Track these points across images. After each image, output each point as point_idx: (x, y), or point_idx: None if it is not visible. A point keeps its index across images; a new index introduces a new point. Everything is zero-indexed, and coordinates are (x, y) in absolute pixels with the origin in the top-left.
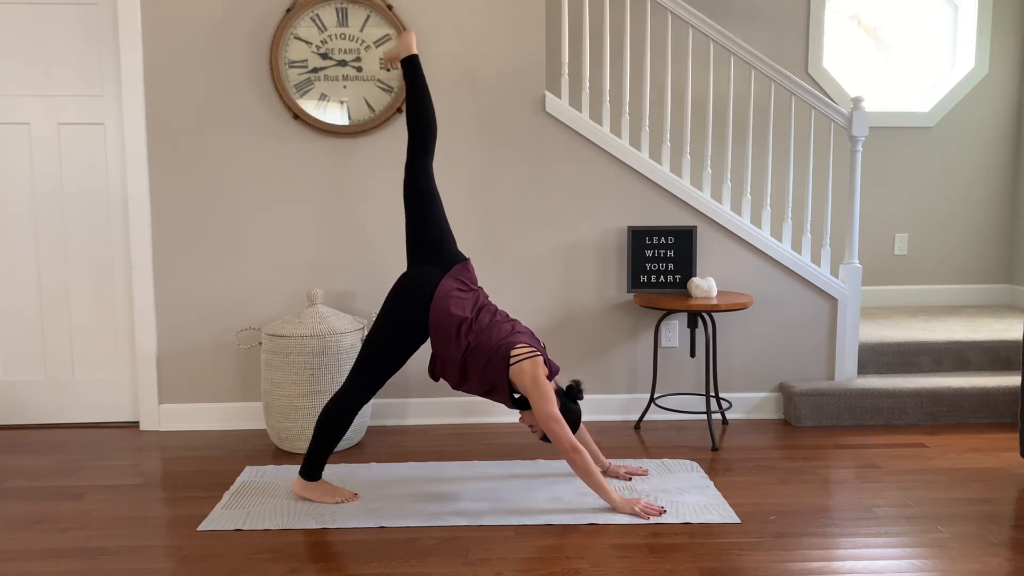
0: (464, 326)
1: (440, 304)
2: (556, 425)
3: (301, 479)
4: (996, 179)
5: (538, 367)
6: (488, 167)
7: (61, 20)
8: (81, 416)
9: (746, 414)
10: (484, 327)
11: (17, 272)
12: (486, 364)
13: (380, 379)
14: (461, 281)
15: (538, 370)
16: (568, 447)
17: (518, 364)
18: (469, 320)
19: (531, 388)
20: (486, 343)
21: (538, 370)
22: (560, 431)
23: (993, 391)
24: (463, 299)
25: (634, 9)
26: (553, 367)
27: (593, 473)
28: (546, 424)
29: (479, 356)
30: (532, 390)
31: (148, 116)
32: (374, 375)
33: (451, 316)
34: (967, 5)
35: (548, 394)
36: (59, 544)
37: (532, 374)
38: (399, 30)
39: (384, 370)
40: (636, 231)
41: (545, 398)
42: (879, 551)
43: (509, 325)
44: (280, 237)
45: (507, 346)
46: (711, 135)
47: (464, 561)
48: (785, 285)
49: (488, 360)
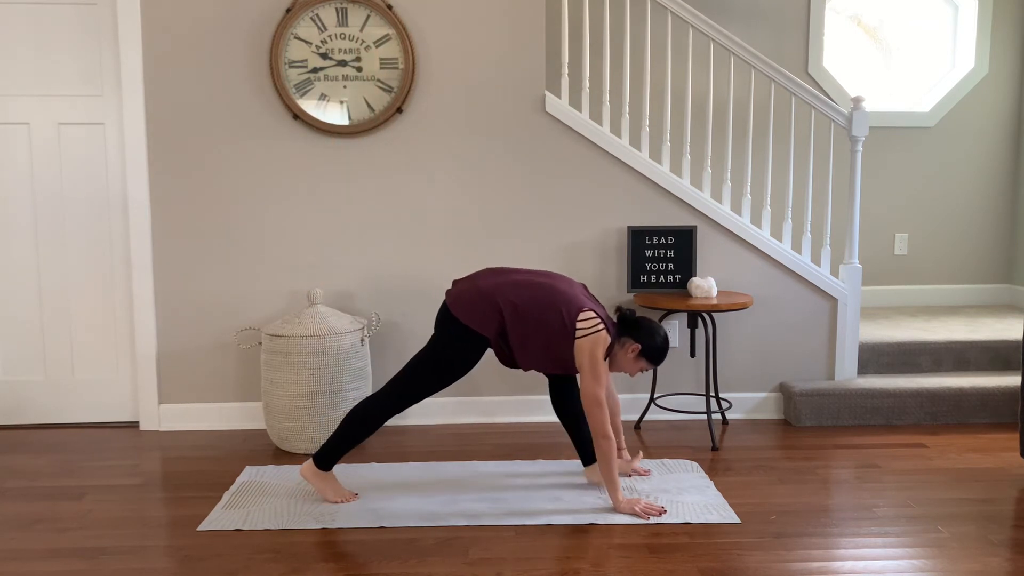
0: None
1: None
2: (598, 409)
3: (313, 464)
4: (996, 179)
5: (598, 344)
6: (488, 167)
7: (61, 20)
8: (81, 416)
9: (746, 414)
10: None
11: (17, 272)
12: (547, 332)
13: (420, 397)
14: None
15: (598, 348)
16: (601, 432)
17: (582, 338)
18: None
19: (586, 366)
20: (539, 303)
21: (598, 348)
22: (600, 416)
23: (993, 391)
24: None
25: (634, 9)
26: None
27: (613, 465)
28: (589, 405)
29: (533, 324)
30: (587, 368)
31: (148, 116)
32: (417, 393)
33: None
34: (967, 5)
35: (600, 375)
36: (59, 544)
37: (591, 352)
38: (399, 30)
39: (427, 391)
40: (636, 231)
41: (597, 379)
42: (879, 551)
43: (564, 284)
44: (280, 237)
45: (574, 312)
46: (711, 135)
47: (464, 561)
48: (785, 285)
49: (547, 325)
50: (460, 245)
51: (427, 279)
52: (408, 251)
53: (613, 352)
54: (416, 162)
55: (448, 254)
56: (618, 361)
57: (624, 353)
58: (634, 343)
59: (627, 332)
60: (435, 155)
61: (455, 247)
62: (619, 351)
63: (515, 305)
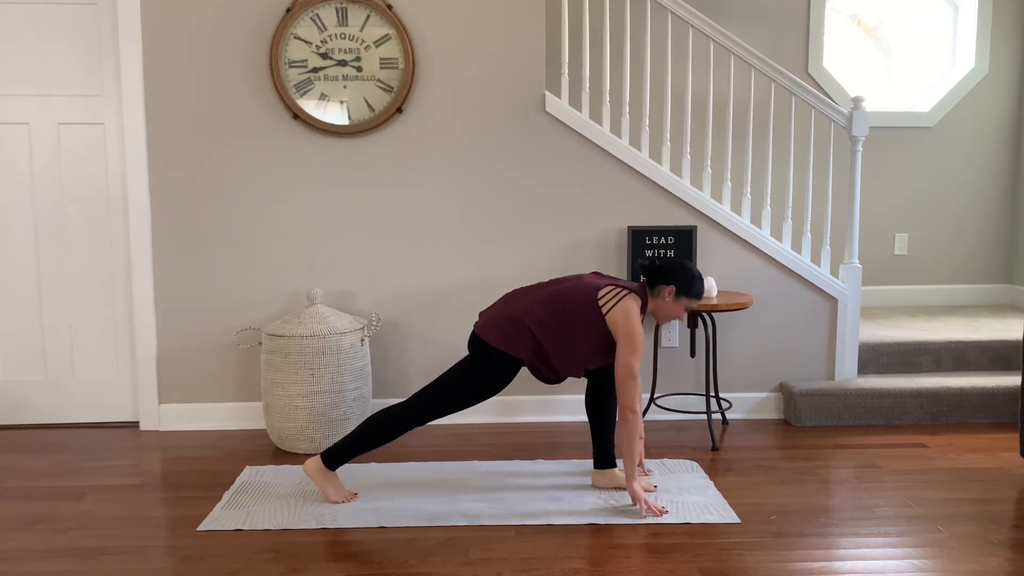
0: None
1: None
2: (631, 381)
3: (320, 461)
4: (996, 179)
5: (629, 310)
6: (488, 167)
7: (61, 20)
8: (81, 416)
9: (746, 414)
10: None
11: (17, 272)
12: (576, 324)
13: (447, 413)
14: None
15: (630, 314)
16: (630, 406)
17: (609, 312)
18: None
19: (621, 335)
20: (561, 303)
21: (630, 314)
22: (633, 388)
23: (993, 391)
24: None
25: (634, 9)
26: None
27: (636, 442)
28: (622, 376)
29: (563, 322)
30: (622, 338)
31: (148, 116)
32: (446, 409)
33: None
34: (967, 5)
35: (636, 344)
36: (59, 544)
37: (624, 321)
38: (399, 30)
39: (456, 408)
40: (636, 231)
41: (632, 348)
42: (879, 551)
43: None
44: (280, 237)
45: (593, 296)
46: (711, 135)
47: (464, 561)
48: (785, 285)
49: (576, 319)
50: (460, 244)
51: (427, 279)
52: (408, 251)
53: (652, 307)
54: (416, 162)
55: (448, 253)
56: (662, 311)
57: (663, 301)
58: (667, 286)
59: (657, 281)
60: (435, 155)
61: (455, 247)
62: (657, 302)
63: (542, 321)
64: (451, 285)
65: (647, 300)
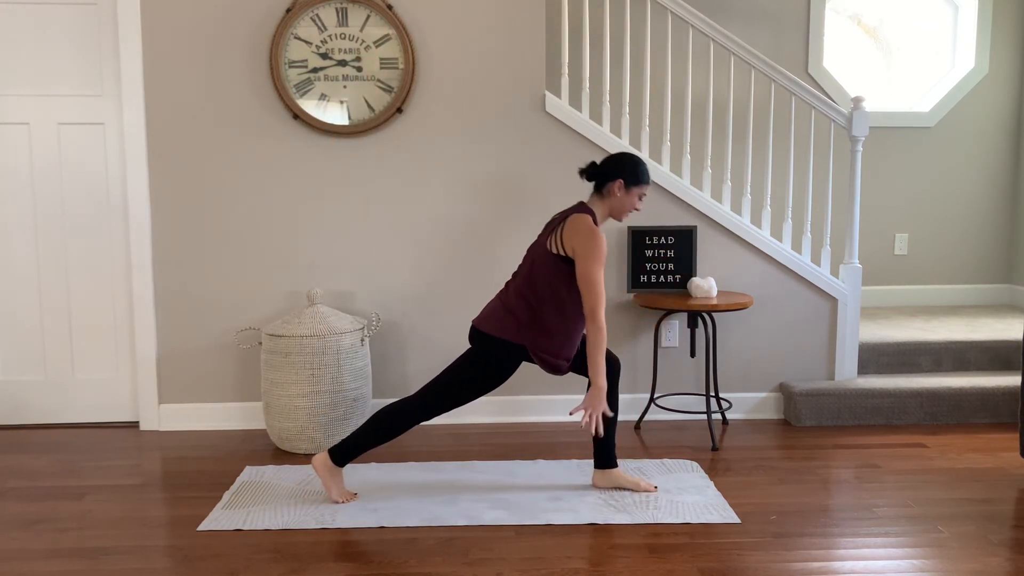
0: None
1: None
2: (589, 288)
3: (328, 457)
4: (996, 179)
5: (579, 223)
6: (488, 167)
7: (61, 20)
8: (81, 416)
9: (746, 414)
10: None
11: (17, 272)
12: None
13: (453, 407)
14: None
15: (581, 225)
16: (591, 314)
17: (562, 242)
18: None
19: (579, 250)
20: (526, 282)
21: (581, 225)
22: (592, 296)
23: (993, 391)
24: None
25: (634, 9)
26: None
27: (601, 353)
28: (581, 283)
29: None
30: (579, 251)
31: (148, 116)
32: (452, 403)
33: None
34: (967, 5)
35: (592, 253)
36: (59, 544)
37: (577, 233)
38: (399, 30)
39: (461, 401)
40: (636, 231)
41: (589, 253)
42: (879, 551)
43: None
44: (280, 237)
45: (546, 243)
46: (711, 135)
47: (464, 561)
48: (785, 285)
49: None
50: (460, 244)
51: (428, 278)
52: (408, 250)
53: (607, 208)
54: (416, 162)
55: (448, 253)
56: (617, 208)
57: (615, 198)
58: (614, 182)
59: (603, 180)
60: (435, 155)
61: (455, 246)
62: (610, 201)
63: (525, 295)
64: (451, 285)
65: (595, 212)
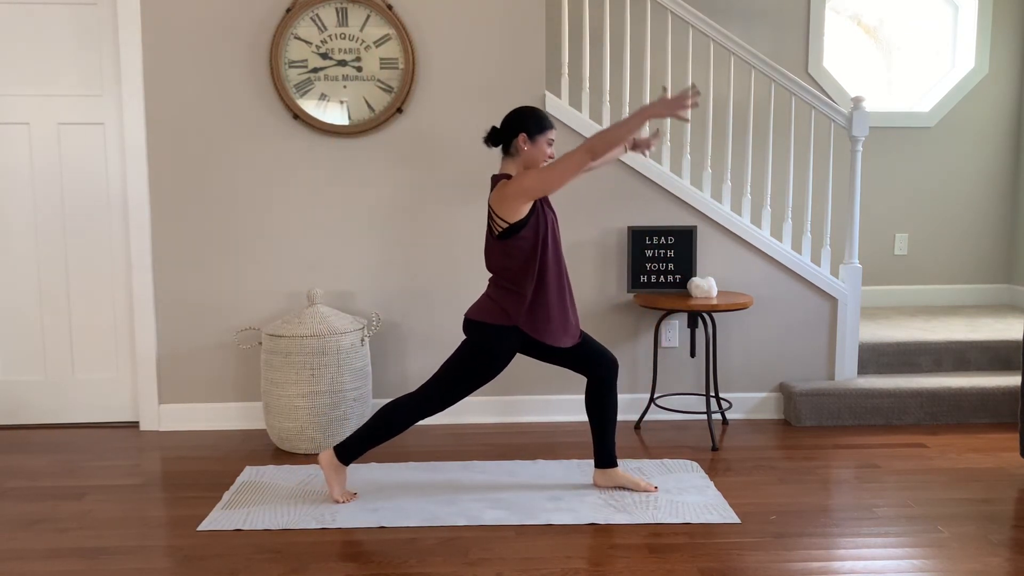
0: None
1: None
2: (550, 169)
3: (334, 454)
4: (996, 179)
5: (508, 187)
6: (488, 167)
7: (61, 20)
8: (81, 416)
9: (746, 414)
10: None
11: (17, 272)
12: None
13: (456, 399)
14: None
15: (507, 189)
16: (575, 153)
17: (500, 214)
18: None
19: (504, 196)
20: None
21: (507, 189)
22: (556, 164)
23: (993, 391)
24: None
25: (634, 9)
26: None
27: (608, 130)
28: (541, 176)
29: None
30: (505, 194)
31: (148, 116)
32: (455, 396)
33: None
34: (967, 5)
35: (518, 182)
36: (59, 544)
37: (501, 196)
38: (399, 30)
39: (464, 393)
40: (636, 231)
41: (518, 184)
42: (879, 551)
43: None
44: (280, 237)
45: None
46: (711, 135)
47: (464, 561)
48: (785, 285)
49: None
50: (460, 244)
51: (427, 278)
52: (408, 251)
53: (520, 167)
54: (416, 162)
55: (448, 253)
56: (529, 160)
57: (523, 153)
58: (518, 137)
59: (507, 140)
60: (435, 155)
61: (455, 246)
62: (520, 157)
63: (494, 282)
64: (451, 285)
65: (511, 163)
